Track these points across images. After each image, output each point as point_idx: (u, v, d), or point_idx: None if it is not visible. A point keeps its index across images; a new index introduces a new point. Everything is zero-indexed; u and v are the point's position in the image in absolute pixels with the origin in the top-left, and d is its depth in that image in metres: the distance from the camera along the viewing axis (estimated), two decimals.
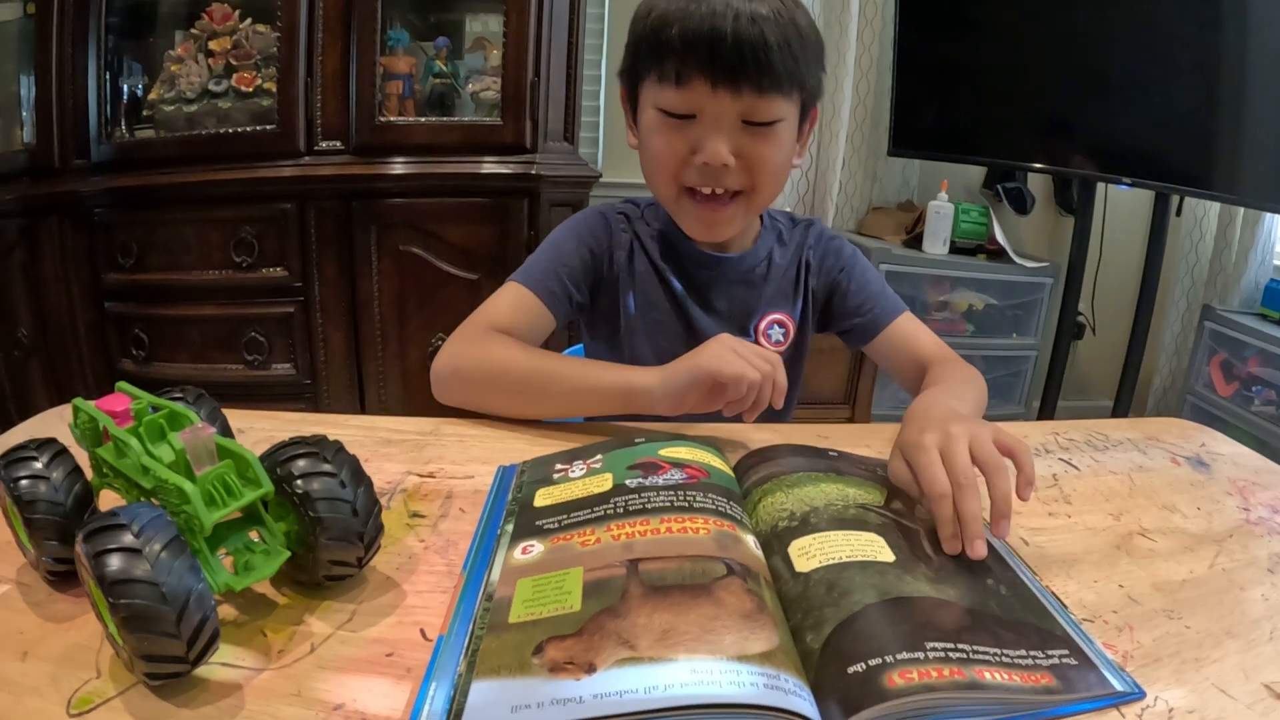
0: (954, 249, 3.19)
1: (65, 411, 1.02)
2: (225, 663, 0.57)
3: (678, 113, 1.03)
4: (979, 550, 0.68)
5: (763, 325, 1.21)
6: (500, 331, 1.12)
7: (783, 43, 0.98)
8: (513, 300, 1.17)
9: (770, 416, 1.15)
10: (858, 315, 1.23)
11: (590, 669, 0.52)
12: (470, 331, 1.14)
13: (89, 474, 0.69)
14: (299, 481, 0.63)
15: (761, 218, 1.24)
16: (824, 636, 0.56)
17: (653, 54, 1.03)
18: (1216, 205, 3.33)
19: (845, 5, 3.10)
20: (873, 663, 0.53)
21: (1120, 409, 2.92)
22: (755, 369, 0.91)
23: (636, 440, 0.86)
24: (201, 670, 0.55)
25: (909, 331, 1.22)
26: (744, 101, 1.00)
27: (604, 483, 0.77)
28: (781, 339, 1.22)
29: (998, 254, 3.20)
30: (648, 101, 1.07)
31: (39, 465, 0.65)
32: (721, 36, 0.96)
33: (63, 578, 0.66)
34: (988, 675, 0.53)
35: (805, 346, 1.27)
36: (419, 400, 2.66)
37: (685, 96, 1.02)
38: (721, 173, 1.04)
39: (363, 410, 2.65)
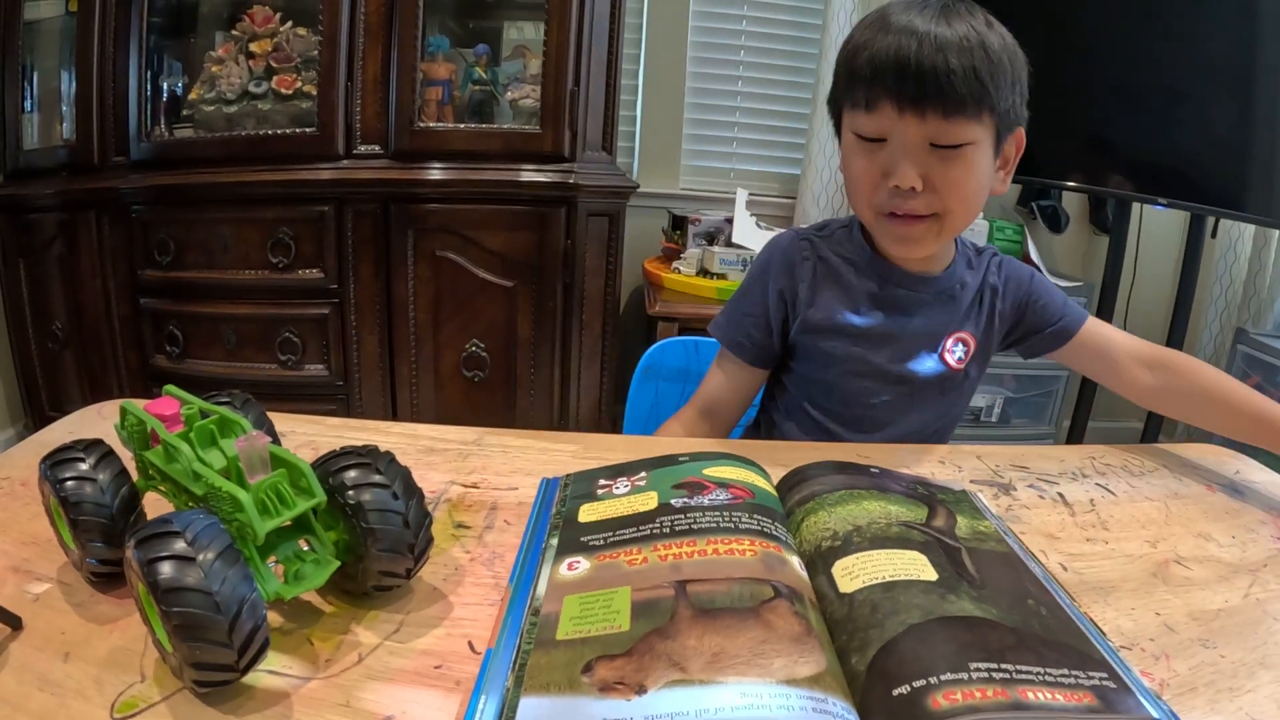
0: None
1: (105, 408, 1.04)
2: (272, 670, 0.58)
3: (869, 136, 1.08)
4: None
5: (949, 343, 1.24)
6: (711, 401, 1.30)
7: (968, 67, 1.00)
8: (717, 365, 1.32)
9: (928, 437, 1.22)
10: (1051, 325, 1.27)
11: (641, 690, 0.52)
12: (681, 411, 1.32)
13: (135, 475, 0.69)
14: (351, 492, 0.63)
15: (955, 241, 1.27)
16: (869, 658, 0.56)
17: (847, 81, 1.09)
18: (1251, 227, 3.30)
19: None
20: (917, 684, 0.53)
21: (1150, 431, 2.89)
22: None
23: (680, 458, 0.86)
24: (248, 678, 0.56)
25: (1103, 333, 1.28)
26: (930, 125, 1.03)
27: (649, 501, 0.77)
28: (962, 356, 1.24)
29: None
30: (846, 126, 1.13)
31: (85, 466, 0.65)
32: (906, 63, 1.00)
33: (105, 579, 0.66)
34: (1031, 695, 0.52)
35: (983, 366, 1.30)
36: (451, 405, 2.67)
37: (875, 121, 1.06)
38: (910, 196, 1.07)
39: (394, 413, 2.66)
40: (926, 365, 1.23)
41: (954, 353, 1.24)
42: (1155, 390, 1.19)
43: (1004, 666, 0.55)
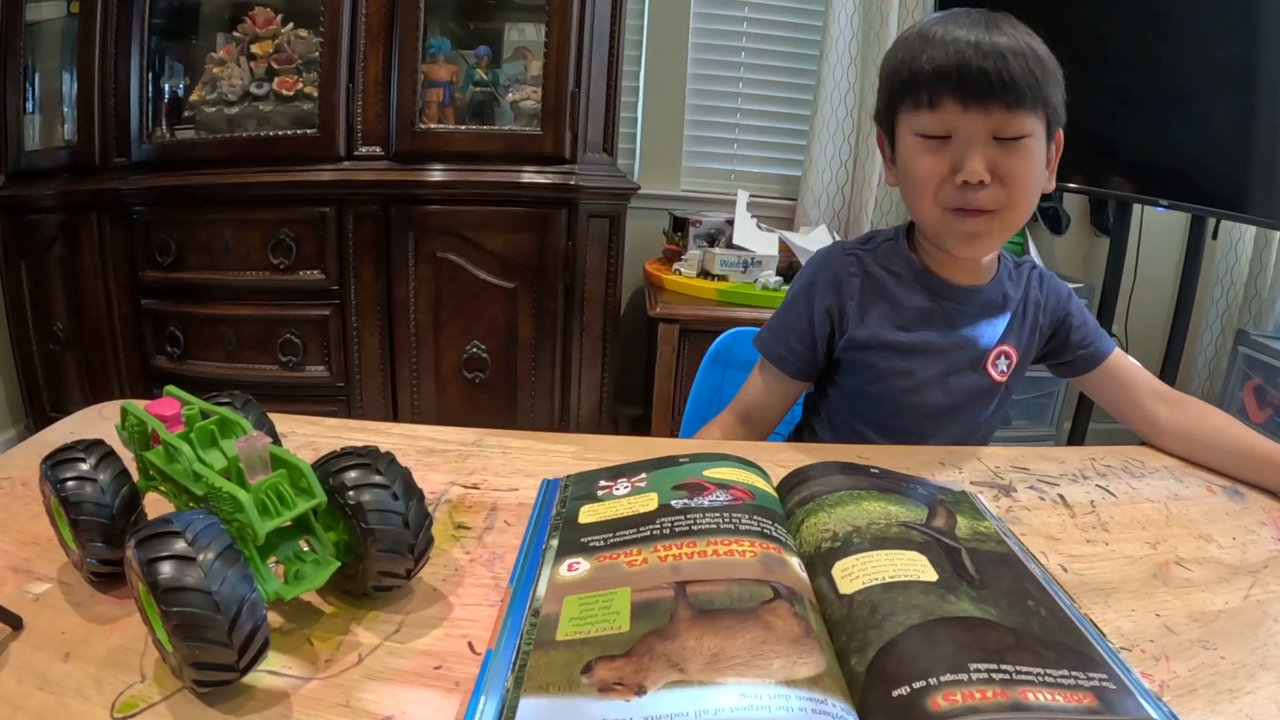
0: None
1: (106, 409, 1.04)
2: (272, 670, 0.58)
3: (934, 134, 1.11)
4: None
5: (993, 356, 1.25)
6: (750, 409, 1.32)
7: (1023, 64, 1.06)
8: (757, 376, 1.34)
9: (977, 440, 1.24)
10: (1081, 348, 1.30)
11: (640, 690, 0.52)
12: (720, 415, 1.35)
13: (135, 475, 0.70)
14: (351, 492, 0.63)
15: (998, 253, 1.29)
16: (868, 659, 0.56)
17: (907, 85, 1.13)
18: (1252, 228, 3.30)
19: (884, 20, 3.10)
20: (917, 685, 0.53)
21: None
22: None
23: (680, 459, 0.86)
24: (248, 678, 0.56)
25: (1127, 366, 1.29)
26: (994, 119, 1.07)
27: (649, 502, 0.77)
28: (1005, 369, 1.27)
29: None
30: (905, 130, 1.16)
31: (86, 466, 0.66)
32: (967, 61, 1.05)
33: (106, 579, 0.67)
34: (1031, 696, 0.52)
35: (1020, 377, 1.32)
36: (451, 406, 2.68)
37: (940, 118, 1.10)
38: (979, 189, 1.10)
39: (395, 415, 2.66)
40: (971, 378, 1.24)
41: (998, 366, 1.26)
42: (1169, 427, 1.19)
43: (1003, 667, 0.54)
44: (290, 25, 2.62)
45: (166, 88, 2.75)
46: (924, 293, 1.24)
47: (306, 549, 0.63)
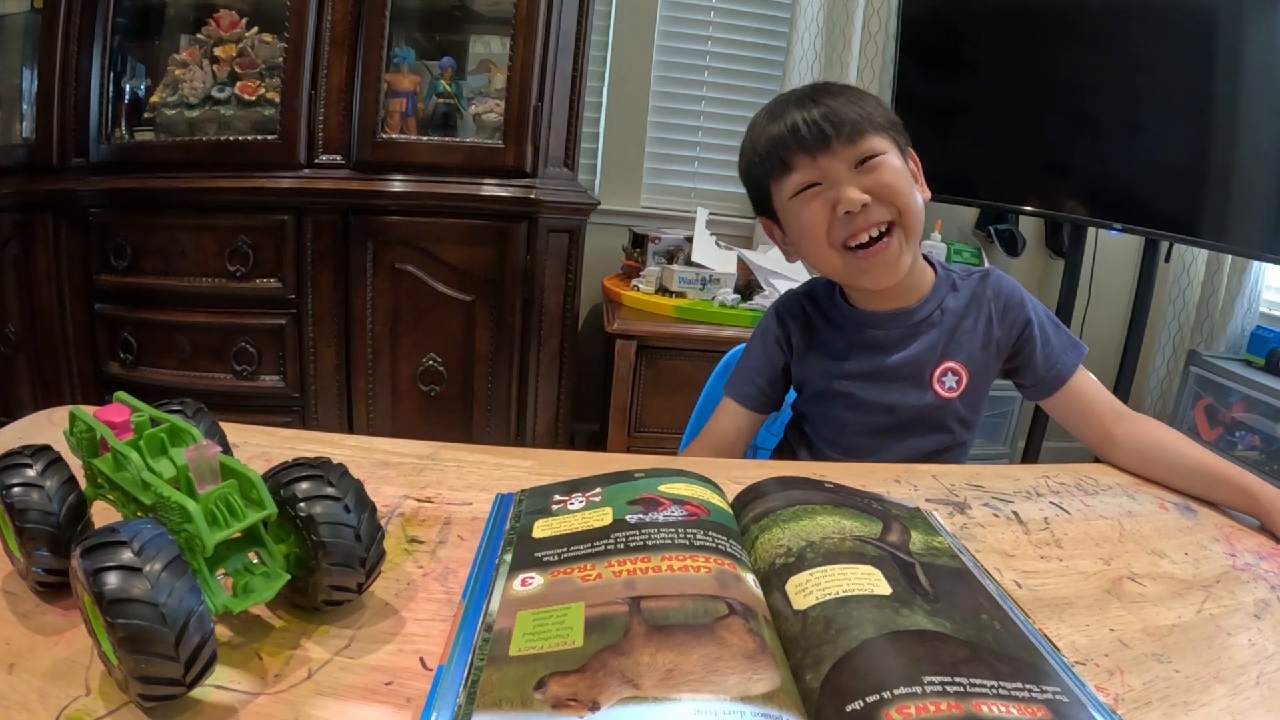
0: None
1: (55, 414, 1.02)
2: (220, 685, 0.57)
3: (803, 186, 1.21)
4: None
5: (938, 373, 1.29)
6: (722, 443, 1.40)
7: (843, 102, 1.19)
8: (722, 410, 1.44)
9: (943, 456, 1.29)
10: (1046, 370, 1.30)
11: (594, 706, 0.51)
12: (693, 443, 1.45)
13: (83, 483, 0.68)
14: (302, 504, 0.62)
15: (935, 270, 1.34)
16: (823, 674, 0.56)
17: (762, 163, 1.25)
18: (1205, 252, 3.36)
19: (847, 45, 3.13)
20: (870, 699, 0.52)
21: None
22: None
23: (635, 474, 0.86)
24: (196, 692, 0.55)
25: (1088, 387, 1.31)
26: (842, 154, 1.18)
27: (604, 517, 0.77)
28: (954, 386, 1.30)
29: None
30: (781, 200, 1.26)
31: (33, 473, 0.64)
32: (796, 124, 1.19)
33: (52, 589, 0.65)
34: (985, 708, 0.52)
35: (982, 393, 1.34)
36: (407, 419, 2.66)
37: (800, 174, 1.21)
38: (864, 213, 1.18)
39: (350, 427, 2.64)
40: (913, 396, 1.29)
41: (944, 383, 1.29)
42: (1125, 444, 1.20)
43: (957, 680, 0.55)
44: (255, 29, 2.60)
45: (128, 88, 2.72)
46: (854, 325, 1.33)
47: (256, 561, 0.62)
